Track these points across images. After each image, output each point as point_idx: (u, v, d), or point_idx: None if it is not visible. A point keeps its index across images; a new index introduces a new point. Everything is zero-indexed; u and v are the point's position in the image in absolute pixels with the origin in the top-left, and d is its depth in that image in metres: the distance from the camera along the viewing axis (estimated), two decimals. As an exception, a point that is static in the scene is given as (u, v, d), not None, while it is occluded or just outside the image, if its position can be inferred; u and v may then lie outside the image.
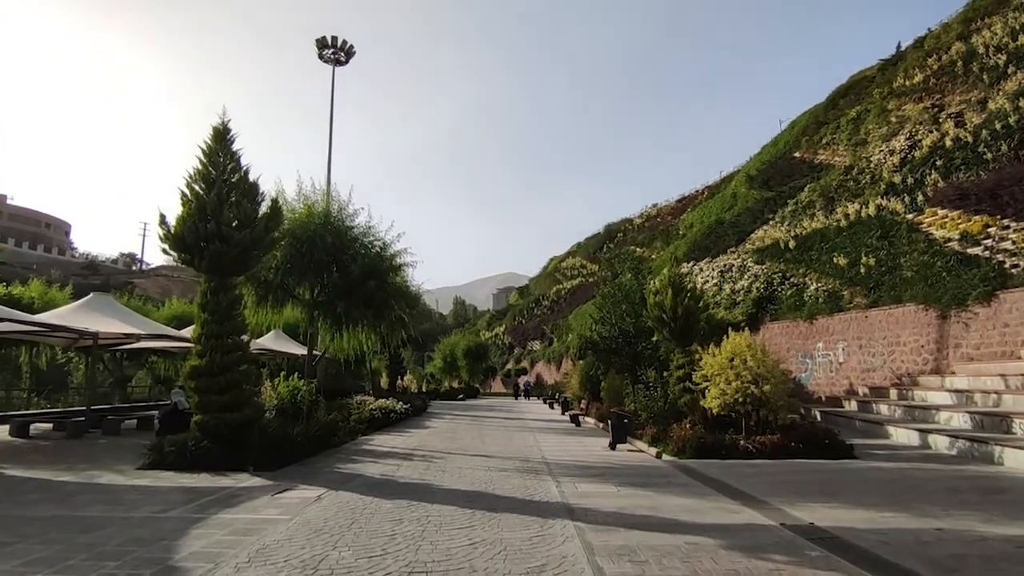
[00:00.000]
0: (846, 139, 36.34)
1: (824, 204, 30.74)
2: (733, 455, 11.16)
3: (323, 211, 14.08)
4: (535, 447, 13.55)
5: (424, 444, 14.08)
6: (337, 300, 13.97)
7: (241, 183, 10.46)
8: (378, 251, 14.83)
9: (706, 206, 54.25)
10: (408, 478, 9.17)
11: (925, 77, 32.36)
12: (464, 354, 49.72)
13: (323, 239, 13.47)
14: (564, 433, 17.30)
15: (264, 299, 14.03)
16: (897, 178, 26.55)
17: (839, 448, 11.12)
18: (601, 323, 17.89)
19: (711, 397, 12.19)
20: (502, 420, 22.66)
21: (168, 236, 9.93)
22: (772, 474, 9.27)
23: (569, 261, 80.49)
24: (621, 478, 9.12)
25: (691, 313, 14.45)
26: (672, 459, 11.37)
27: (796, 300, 25.16)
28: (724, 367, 12.00)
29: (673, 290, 14.61)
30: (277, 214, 10.82)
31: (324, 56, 35.82)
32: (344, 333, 15.16)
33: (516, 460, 11.40)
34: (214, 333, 9.91)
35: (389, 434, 16.35)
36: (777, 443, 11.16)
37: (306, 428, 11.00)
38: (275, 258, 13.33)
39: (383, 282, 14.39)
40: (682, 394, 14.14)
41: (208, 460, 9.50)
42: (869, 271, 21.74)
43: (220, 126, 10.54)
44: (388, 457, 11.65)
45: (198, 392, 9.81)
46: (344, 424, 14.69)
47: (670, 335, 14.66)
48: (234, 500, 7.29)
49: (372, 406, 18.05)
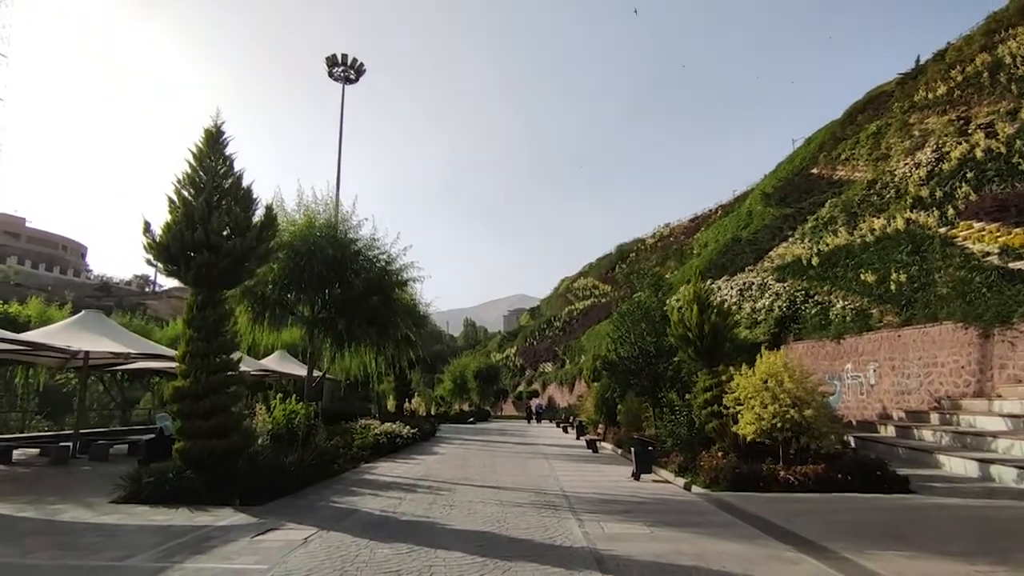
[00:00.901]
0: (866, 154, 35.51)
1: (847, 220, 29.77)
2: (773, 487, 10.01)
3: (325, 222, 13.25)
4: (551, 477, 12.44)
5: (431, 473, 13.03)
6: (338, 317, 13.07)
7: (234, 189, 9.68)
8: (383, 265, 13.94)
9: (720, 224, 53.45)
10: (411, 515, 8.13)
11: (949, 89, 31.52)
12: (475, 376, 48.47)
13: (324, 252, 12.58)
14: (581, 460, 16.14)
15: (261, 316, 13.15)
16: (924, 192, 25.59)
17: (892, 481, 9.94)
18: (619, 342, 16.85)
19: (744, 422, 11.08)
20: (514, 445, 21.51)
21: (152, 245, 9.12)
22: (824, 512, 8.13)
23: (581, 282, 79.49)
24: (652, 516, 8.03)
25: (718, 331, 13.40)
26: (704, 492, 10.24)
27: (821, 319, 24.10)
28: (759, 389, 10.92)
29: (698, 306, 13.59)
30: (272, 222, 9.99)
31: (334, 74, 35.68)
32: (346, 353, 14.19)
33: (531, 492, 10.32)
34: (200, 351, 9.03)
35: (394, 461, 15.31)
36: (822, 474, 10.00)
37: (301, 456, 10.01)
38: (272, 271, 12.50)
39: (388, 298, 13.46)
40: (709, 419, 13.03)
41: (190, 493, 8.54)
42: (900, 288, 20.70)
43: (212, 128, 9.80)
44: (391, 489, 10.60)
45: (181, 416, 8.90)
46: (345, 451, 13.69)
47: (695, 354, 13.59)
48: (208, 544, 6.28)
49: (377, 431, 17.02)
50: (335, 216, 13.83)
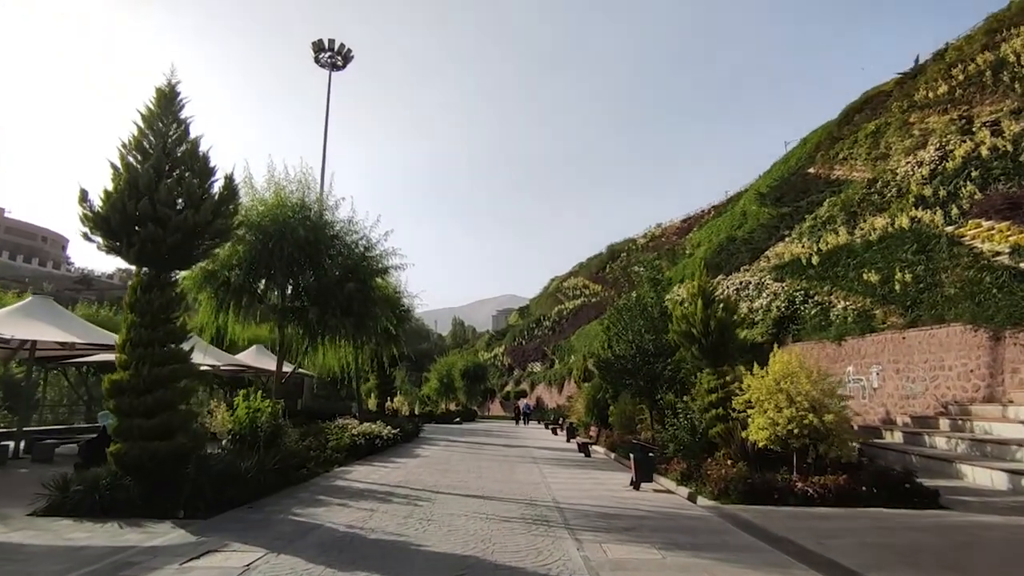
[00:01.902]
0: (865, 153, 35.03)
1: (846, 219, 29.14)
2: (789, 500, 9.01)
3: (298, 201, 12.00)
4: (542, 484, 11.36)
5: (411, 478, 11.89)
6: (311, 306, 11.86)
7: (188, 157, 8.48)
8: (361, 251, 12.73)
9: (713, 225, 52.96)
10: (381, 532, 7.01)
11: (950, 88, 31.01)
12: (462, 375, 47.20)
13: (295, 233, 11.35)
14: (573, 465, 15.07)
15: (225, 304, 11.90)
16: (927, 191, 24.97)
17: (922, 494, 8.97)
18: (615, 339, 15.81)
19: (756, 427, 10.08)
20: (502, 448, 20.41)
21: (89, 217, 7.90)
22: (855, 531, 7.13)
23: (571, 281, 78.57)
24: (660, 535, 6.97)
25: (724, 328, 12.41)
26: (712, 504, 9.22)
27: (822, 320, 23.31)
28: (773, 391, 9.93)
29: (703, 300, 12.59)
30: (232, 195, 8.79)
31: (321, 60, 34.46)
32: (320, 346, 12.94)
33: (521, 503, 9.23)
34: (143, 340, 7.83)
35: (372, 464, 14.15)
36: (843, 486, 9.02)
37: (261, 460, 8.84)
38: (236, 253, 11.27)
39: (365, 286, 12.25)
40: (714, 422, 12.04)
41: (125, 503, 7.34)
42: (905, 288, 19.92)
43: (165, 87, 8.59)
44: (363, 497, 9.46)
45: (119, 414, 7.70)
46: (317, 454, 12.53)
47: (699, 353, 12.59)
48: (123, 572, 5.12)
49: (354, 431, 15.86)
50: (320, 196, 12.54)
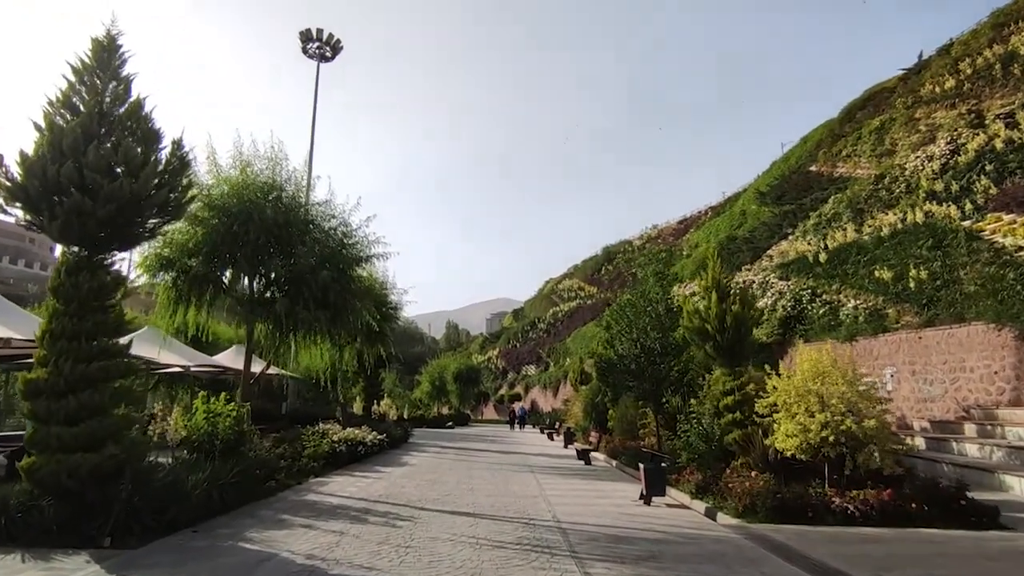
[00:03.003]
0: (869, 150, 34.36)
1: (852, 216, 28.28)
2: (827, 519, 7.83)
3: (267, 180, 10.67)
4: (540, 498, 10.11)
5: (393, 491, 10.61)
6: (280, 296, 10.56)
7: (128, 118, 7.22)
8: (340, 237, 11.41)
9: (712, 225, 52.23)
10: (347, 564, 5.74)
11: (958, 83, 30.26)
12: (454, 378, 45.73)
13: (263, 214, 10.09)
14: (574, 475, 13.82)
15: (185, 295, 10.58)
16: (939, 185, 24.07)
17: (979, 512, 7.79)
18: (618, 338, 14.60)
19: (782, 434, 8.90)
20: (496, 454, 19.13)
21: (5, 185, 6.62)
22: (916, 559, 5.93)
23: (566, 283, 77.45)
24: (687, 566, 5.75)
25: (741, 323, 11.24)
26: (736, 522, 8.02)
27: (831, 319, 22.24)
28: (803, 394, 8.75)
29: (717, 294, 11.42)
30: (183, 164, 7.52)
31: (308, 50, 33.23)
32: (292, 342, 11.57)
33: (517, 522, 7.99)
34: (67, 331, 6.55)
35: (352, 474, 12.86)
36: (888, 502, 7.84)
37: (214, 474, 7.55)
38: (195, 237, 9.96)
39: (343, 275, 10.95)
40: (730, 428, 10.87)
41: (39, 529, 6.05)
42: (920, 285, 18.87)
43: (103, 38, 7.33)
44: (335, 516, 8.19)
45: (34, 420, 6.42)
46: (290, 463, 11.25)
47: (714, 351, 11.41)
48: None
49: (335, 437, 14.57)
50: (296, 178, 11.15)
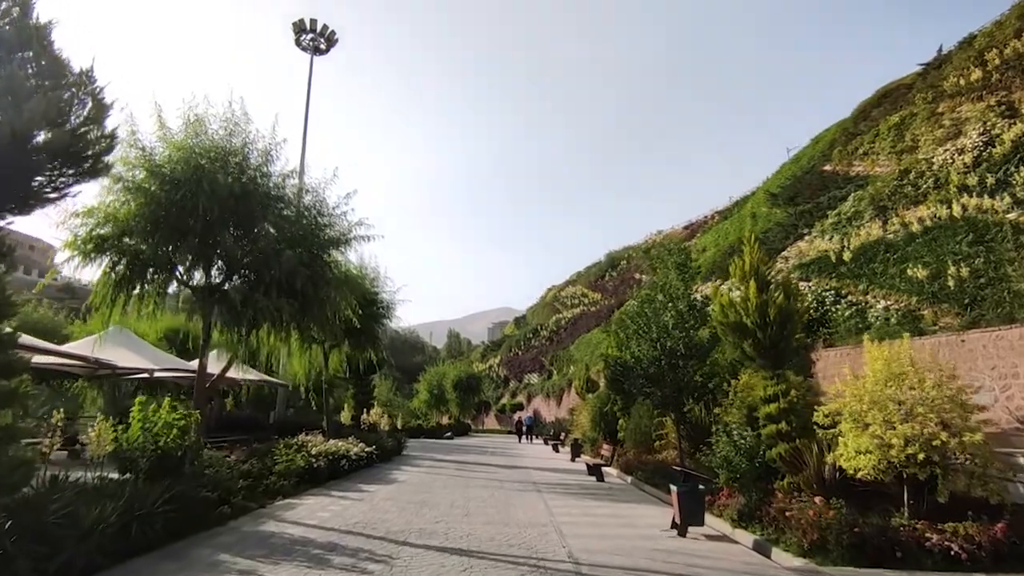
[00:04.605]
0: (888, 147, 32.98)
1: (875, 213, 26.75)
2: (922, 561, 6.11)
3: (222, 143, 8.91)
4: (550, 527, 8.37)
5: (372, 517, 8.87)
6: (238, 281, 8.79)
7: (22, 44, 5.59)
8: (314, 215, 9.64)
9: (719, 229, 50.73)
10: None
11: (985, 74, 28.83)
12: (454, 386, 43.74)
13: (214, 182, 8.39)
14: (586, 494, 12.04)
15: (128, 281, 8.81)
16: (972, 179, 22.54)
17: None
18: (635, 339, 12.88)
19: (850, 449, 7.18)
20: (496, 469, 17.35)
21: None
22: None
23: (569, 290, 75.74)
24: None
25: (787, 317, 9.52)
26: (802, 563, 6.29)
27: (858, 322, 20.54)
28: (879, 400, 7.03)
29: (756, 283, 9.70)
30: (100, 107, 5.86)
31: (302, 43, 31.77)
32: (255, 337, 9.68)
33: (521, 563, 6.28)
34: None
35: (330, 494, 11.11)
36: (1001, 540, 6.10)
37: (132, 502, 5.83)
38: (129, 210, 8.22)
39: (316, 258, 9.16)
40: (773, 440, 9.13)
41: None
42: (961, 284, 17.19)
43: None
44: (288, 556, 6.45)
45: None
46: (253, 482, 9.51)
47: (754, 350, 9.68)
48: None
49: (315, 450, 12.83)
50: (231, 130, 9.09)
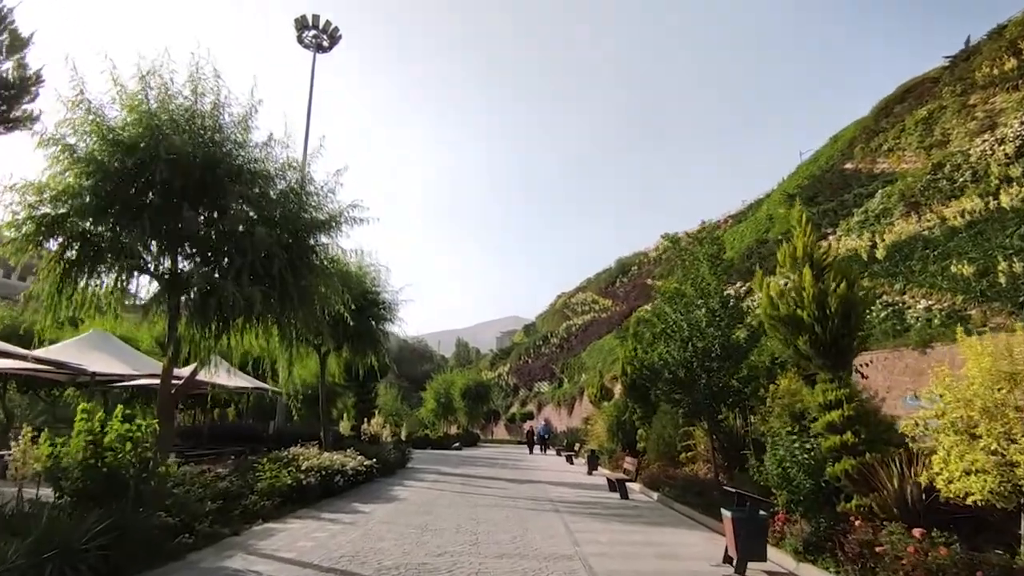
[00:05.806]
0: (916, 142, 31.68)
1: (906, 210, 25.43)
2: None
3: (184, 105, 7.56)
4: (576, 559, 7.00)
5: (363, 547, 7.53)
6: (202, 265, 7.44)
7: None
8: (298, 190, 8.22)
9: (735, 231, 49.24)
10: None
11: (1021, 63, 27.53)
12: (462, 394, 42.23)
13: (174, 147, 7.01)
14: (612, 515, 10.59)
15: (78, 269, 7.42)
16: (1015, 170, 21.30)
17: None
18: (663, 339, 11.49)
19: (956, 468, 5.77)
20: (508, 484, 15.94)
21: None
22: None
23: (579, 296, 74.41)
24: None
25: (850, 309, 8.12)
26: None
27: (895, 323, 19.27)
28: (992, 408, 5.61)
29: (811, 269, 8.33)
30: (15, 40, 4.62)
31: (304, 39, 30.91)
32: (229, 335, 8.24)
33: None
34: None
35: (319, 516, 9.77)
36: None
37: (45, 540, 4.54)
38: (72, 185, 6.82)
39: (297, 240, 7.81)
40: (837, 454, 7.71)
41: None
42: (1014, 280, 15.91)
43: None
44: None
45: None
46: (231, 503, 8.22)
47: (811, 348, 8.27)
48: None
49: (306, 465, 11.53)
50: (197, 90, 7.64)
